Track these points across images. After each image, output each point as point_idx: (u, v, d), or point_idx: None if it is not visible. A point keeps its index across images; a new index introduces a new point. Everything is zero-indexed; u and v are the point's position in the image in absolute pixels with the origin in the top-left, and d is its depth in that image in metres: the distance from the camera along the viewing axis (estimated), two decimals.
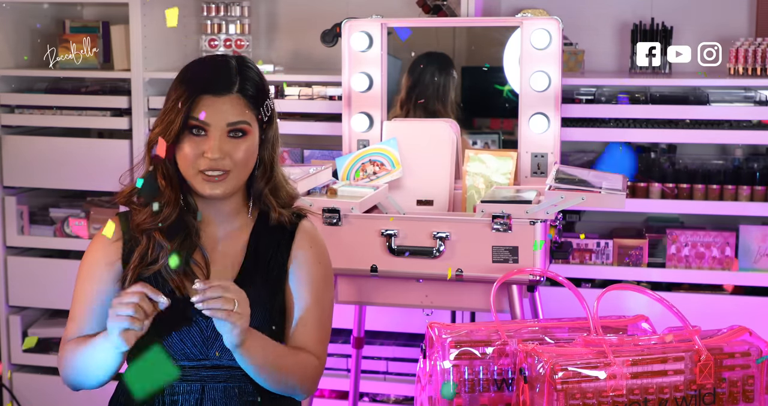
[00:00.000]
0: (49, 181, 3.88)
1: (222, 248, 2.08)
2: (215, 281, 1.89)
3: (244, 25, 3.84)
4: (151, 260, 2.02)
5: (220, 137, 1.99)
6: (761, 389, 1.87)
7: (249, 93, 2.03)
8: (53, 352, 3.94)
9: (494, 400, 1.91)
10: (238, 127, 2.00)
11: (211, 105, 1.99)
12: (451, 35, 3.44)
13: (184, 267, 2.02)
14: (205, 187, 2.00)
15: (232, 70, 2.03)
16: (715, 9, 3.67)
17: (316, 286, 2.10)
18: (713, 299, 3.43)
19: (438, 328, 1.95)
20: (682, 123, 3.40)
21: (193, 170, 2.00)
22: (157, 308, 1.87)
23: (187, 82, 2.02)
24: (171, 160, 2.02)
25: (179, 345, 2.00)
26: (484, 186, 3.10)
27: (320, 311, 2.10)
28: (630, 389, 1.78)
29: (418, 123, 3.25)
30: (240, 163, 2.01)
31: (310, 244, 2.12)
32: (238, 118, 2.00)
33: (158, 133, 1.99)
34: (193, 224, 2.05)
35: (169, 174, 2.03)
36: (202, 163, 1.99)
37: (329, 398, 3.68)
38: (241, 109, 2.01)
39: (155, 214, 2.02)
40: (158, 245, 2.02)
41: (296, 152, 3.77)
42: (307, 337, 2.08)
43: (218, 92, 2.00)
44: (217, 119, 1.99)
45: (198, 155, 1.99)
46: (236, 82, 2.02)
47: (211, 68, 2.05)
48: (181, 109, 1.98)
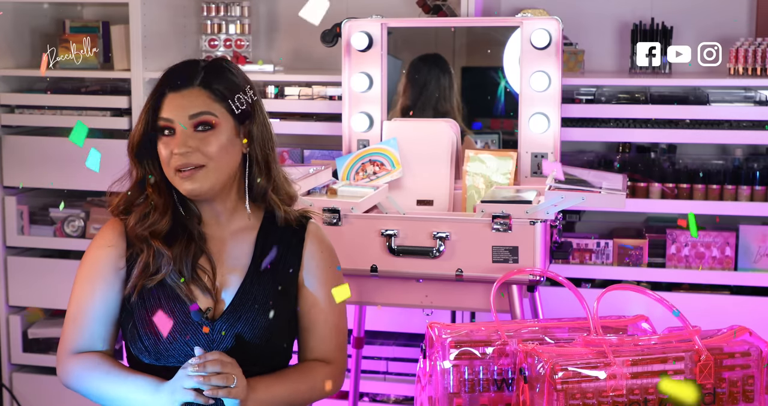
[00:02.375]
0: (49, 181, 3.88)
1: (229, 249, 2.07)
2: (212, 355, 1.89)
3: (244, 25, 3.84)
4: (153, 270, 2.01)
5: (185, 132, 1.98)
6: (761, 389, 1.87)
7: (212, 85, 2.01)
8: (53, 352, 3.94)
9: (494, 400, 1.91)
10: (201, 120, 1.98)
11: (172, 101, 1.99)
12: (451, 35, 3.44)
13: (191, 274, 2.01)
14: (184, 185, 1.99)
15: (196, 67, 2.03)
16: (715, 9, 3.67)
17: (330, 293, 2.10)
18: (713, 299, 3.43)
19: (438, 328, 1.95)
20: (682, 123, 3.40)
21: (171, 170, 2.00)
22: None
23: (157, 84, 2.04)
24: (156, 166, 2.02)
25: (183, 347, 1.99)
26: (484, 186, 3.10)
27: (337, 317, 2.11)
28: (630, 389, 1.78)
29: (418, 123, 3.25)
30: (214, 156, 1.98)
31: (320, 248, 2.12)
32: (199, 109, 1.98)
33: (133, 134, 2.02)
34: (195, 228, 2.04)
35: (157, 180, 2.03)
36: (173, 162, 1.98)
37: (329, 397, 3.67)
38: (203, 100, 1.99)
39: (143, 219, 2.02)
40: (158, 253, 2.00)
41: (296, 152, 3.77)
42: (327, 346, 2.11)
43: (179, 88, 2.00)
44: (178, 114, 1.98)
45: (169, 154, 1.99)
46: (198, 77, 2.01)
47: (178, 68, 2.06)
48: (148, 110, 2.00)
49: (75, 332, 2.03)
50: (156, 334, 1.97)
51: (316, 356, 2.12)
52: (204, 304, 2.01)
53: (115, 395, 1.97)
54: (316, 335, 2.10)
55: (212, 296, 2.01)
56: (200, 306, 2.00)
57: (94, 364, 2.00)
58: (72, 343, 2.04)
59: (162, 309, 1.98)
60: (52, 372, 3.90)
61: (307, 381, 2.07)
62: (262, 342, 2.01)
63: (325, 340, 2.11)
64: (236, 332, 2.00)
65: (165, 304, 1.99)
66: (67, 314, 2.06)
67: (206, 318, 1.99)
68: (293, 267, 2.08)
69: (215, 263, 2.04)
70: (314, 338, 2.11)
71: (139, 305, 2.00)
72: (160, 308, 1.98)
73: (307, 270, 2.09)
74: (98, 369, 1.99)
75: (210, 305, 2.01)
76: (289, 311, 2.08)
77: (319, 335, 2.11)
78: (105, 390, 1.98)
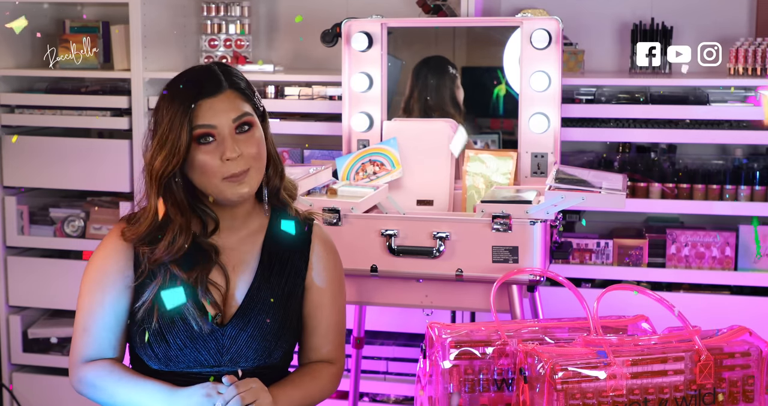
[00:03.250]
0: (49, 181, 3.88)
1: (238, 254, 2.06)
2: (233, 391, 1.89)
3: (244, 25, 3.85)
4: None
5: (231, 136, 1.95)
6: (761, 389, 1.87)
7: (240, 86, 2.00)
8: (53, 352, 3.94)
9: (494, 400, 1.91)
10: (244, 121, 1.97)
11: (210, 107, 1.95)
12: (451, 35, 3.44)
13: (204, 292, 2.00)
14: (233, 190, 1.95)
15: (215, 71, 2.00)
16: (715, 9, 3.67)
17: (334, 293, 2.11)
18: (713, 299, 3.43)
19: (438, 328, 1.95)
20: (682, 123, 3.40)
21: (218, 179, 1.95)
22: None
23: (175, 96, 1.95)
24: (179, 182, 1.97)
25: (193, 353, 1.99)
26: (484, 186, 3.10)
27: (339, 317, 2.12)
28: (630, 389, 1.78)
29: (418, 123, 3.25)
30: (255, 157, 1.97)
31: (326, 249, 2.13)
32: (240, 111, 1.97)
33: (166, 157, 1.92)
34: (212, 248, 2.02)
35: (178, 199, 1.98)
36: (228, 169, 1.94)
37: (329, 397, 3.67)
38: (240, 102, 1.98)
39: (169, 245, 1.97)
40: (174, 276, 1.98)
41: (296, 152, 3.77)
42: (331, 346, 2.12)
43: (212, 93, 1.96)
44: (221, 119, 1.95)
45: (219, 162, 1.94)
46: (224, 79, 1.98)
47: (195, 75, 2.01)
48: (183, 123, 1.92)
49: (85, 341, 2.02)
50: (166, 342, 1.97)
51: (319, 356, 2.13)
52: (212, 309, 2.01)
53: (128, 401, 1.97)
54: (320, 335, 2.11)
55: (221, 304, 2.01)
56: (209, 312, 2.00)
57: (106, 371, 2.00)
58: (83, 352, 2.03)
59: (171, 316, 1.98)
60: (52, 372, 3.90)
61: (319, 384, 2.10)
62: (271, 345, 2.02)
63: (329, 340, 2.12)
64: (245, 336, 2.00)
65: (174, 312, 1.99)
66: (75, 323, 2.05)
67: (216, 323, 2.00)
68: (300, 269, 2.09)
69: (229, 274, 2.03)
70: (318, 338, 2.11)
71: (149, 314, 2.00)
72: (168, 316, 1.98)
73: (315, 272, 2.10)
74: (111, 376, 1.99)
75: (218, 311, 2.01)
76: (296, 313, 2.08)
77: (323, 335, 2.11)
78: (118, 396, 1.98)
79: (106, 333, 2.02)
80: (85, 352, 2.02)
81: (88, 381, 2.01)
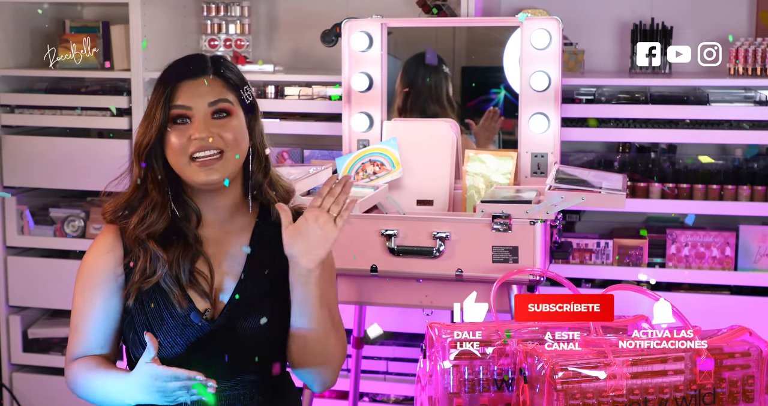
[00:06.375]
0: (49, 181, 3.88)
1: (226, 249, 2.06)
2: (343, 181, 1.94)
3: (244, 25, 3.85)
4: (150, 273, 1.99)
5: (204, 118, 1.97)
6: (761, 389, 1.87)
7: (225, 74, 2.02)
8: (53, 352, 3.94)
9: (494, 400, 1.91)
10: (220, 107, 1.98)
11: (189, 89, 1.98)
12: (451, 35, 3.44)
13: (189, 277, 2.01)
14: (201, 174, 1.97)
15: (204, 58, 2.04)
16: (715, 9, 3.67)
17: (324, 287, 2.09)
18: (713, 299, 3.43)
19: (438, 328, 1.95)
20: (682, 123, 3.40)
21: (184, 158, 1.97)
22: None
23: (162, 77, 2.02)
24: (159, 162, 2.00)
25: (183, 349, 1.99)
26: (484, 186, 3.10)
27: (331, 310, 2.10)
28: (630, 389, 1.78)
29: (418, 123, 3.25)
30: (231, 143, 1.98)
31: None
32: (218, 96, 1.98)
33: (143, 132, 1.98)
34: (191, 231, 2.03)
35: (157, 178, 2.00)
36: (191, 147, 1.96)
37: (329, 398, 3.68)
38: (220, 88, 2.00)
39: (141, 220, 1.99)
40: (155, 256, 1.99)
41: (296, 152, 3.77)
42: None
43: (194, 75, 1.99)
44: (198, 101, 1.97)
45: (185, 141, 1.96)
46: (210, 66, 2.01)
47: (184, 60, 2.06)
48: (161, 100, 1.97)
49: (75, 341, 2.03)
50: (156, 338, 1.97)
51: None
52: (202, 305, 2.00)
53: (102, 393, 1.96)
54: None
55: (210, 298, 2.01)
56: (198, 308, 2.00)
57: (84, 367, 2.00)
58: (72, 351, 2.04)
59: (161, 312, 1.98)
60: (52, 372, 3.90)
61: (336, 333, 2.05)
62: (262, 339, 2.01)
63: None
64: (236, 332, 2.00)
65: (164, 307, 1.99)
66: (70, 324, 2.05)
67: (205, 319, 1.99)
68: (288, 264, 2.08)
69: (213, 265, 2.04)
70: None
71: (139, 311, 2.00)
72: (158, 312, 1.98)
73: None
74: (88, 371, 1.99)
75: (208, 307, 2.00)
76: (286, 307, 2.07)
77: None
78: (96, 389, 1.97)
79: (97, 333, 2.02)
80: (75, 351, 2.03)
81: (71, 379, 2.02)
